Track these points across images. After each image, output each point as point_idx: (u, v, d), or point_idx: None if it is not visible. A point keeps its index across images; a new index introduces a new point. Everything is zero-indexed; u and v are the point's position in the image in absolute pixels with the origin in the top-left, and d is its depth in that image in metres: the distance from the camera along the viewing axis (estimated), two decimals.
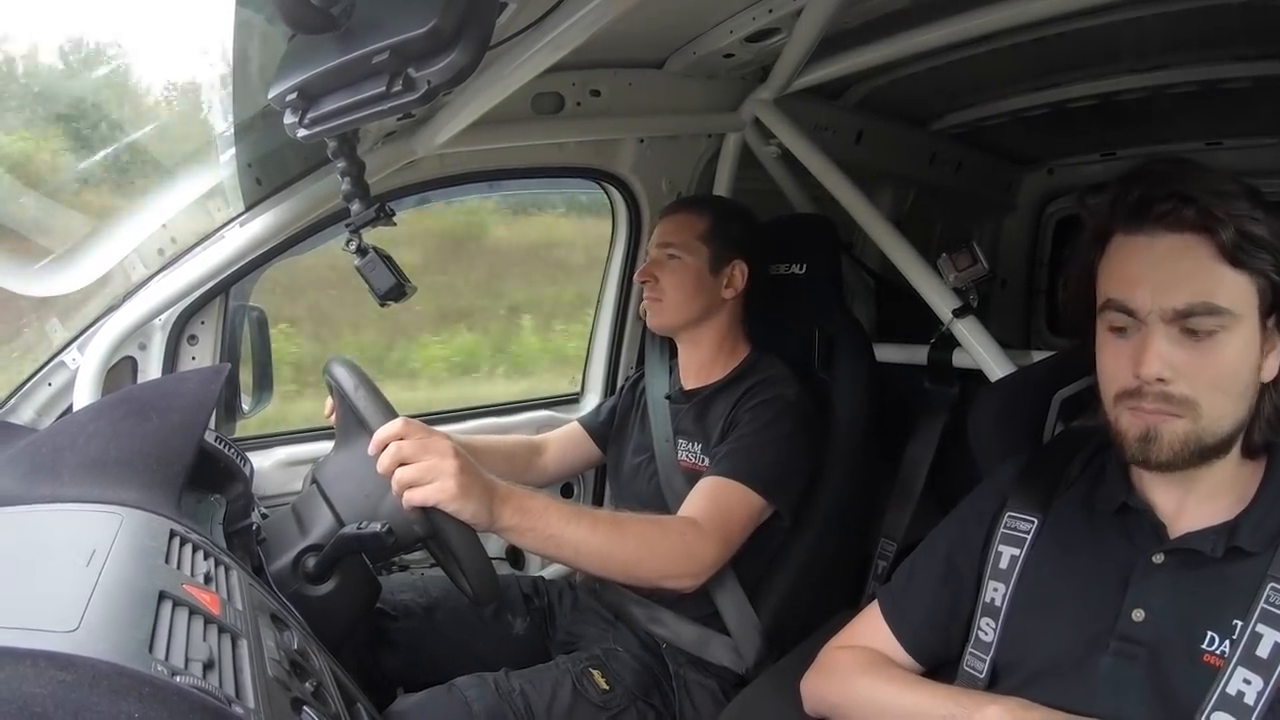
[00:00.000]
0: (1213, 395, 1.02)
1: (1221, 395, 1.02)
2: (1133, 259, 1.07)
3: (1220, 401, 1.02)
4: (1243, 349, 1.02)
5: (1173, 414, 1.03)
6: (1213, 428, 1.03)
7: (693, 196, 2.45)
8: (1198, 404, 1.02)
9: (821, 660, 1.36)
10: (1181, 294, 1.01)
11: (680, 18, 1.89)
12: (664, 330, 1.99)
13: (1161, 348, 1.02)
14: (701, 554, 1.57)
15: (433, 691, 1.56)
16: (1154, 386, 1.03)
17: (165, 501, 1.21)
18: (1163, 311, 1.03)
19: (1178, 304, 1.01)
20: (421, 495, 1.28)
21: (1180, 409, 1.03)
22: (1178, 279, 1.02)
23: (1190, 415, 1.02)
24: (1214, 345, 1.01)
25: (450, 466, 1.29)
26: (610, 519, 1.50)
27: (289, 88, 1.18)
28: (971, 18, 1.81)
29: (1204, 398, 1.02)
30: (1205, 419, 1.02)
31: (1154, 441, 1.05)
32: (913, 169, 2.96)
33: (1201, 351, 1.02)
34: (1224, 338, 1.01)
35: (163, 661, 0.76)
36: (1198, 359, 1.02)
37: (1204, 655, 1.01)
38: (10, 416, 1.76)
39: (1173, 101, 2.37)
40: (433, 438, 1.34)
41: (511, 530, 1.38)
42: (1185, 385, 1.02)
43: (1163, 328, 1.03)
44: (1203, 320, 1.01)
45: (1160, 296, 1.03)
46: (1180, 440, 1.03)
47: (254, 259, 1.88)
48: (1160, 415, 1.04)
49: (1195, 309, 1.01)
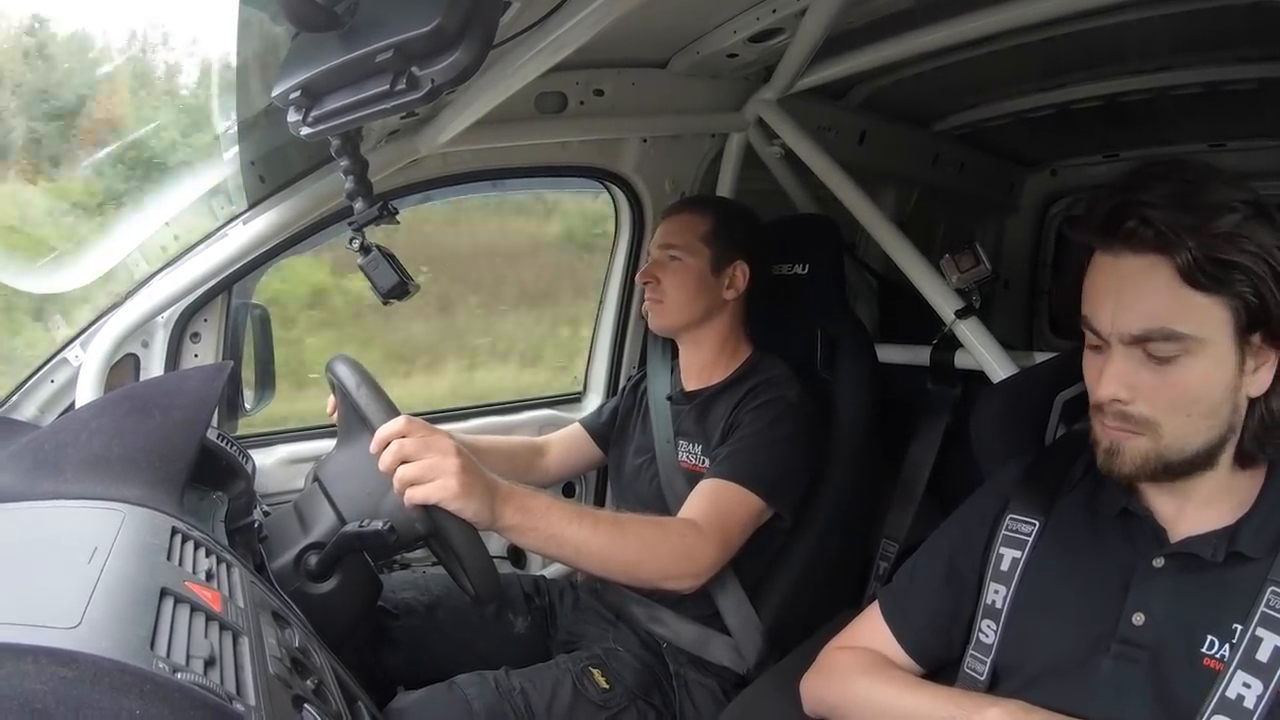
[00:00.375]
0: (1173, 417, 1.02)
1: (1183, 417, 1.02)
2: (1101, 277, 1.07)
3: (1182, 423, 1.02)
4: (1208, 371, 1.01)
5: (1132, 432, 1.04)
6: (1176, 445, 1.03)
7: (695, 197, 2.45)
8: (1158, 424, 1.03)
9: (821, 661, 1.36)
10: (1138, 319, 1.01)
11: (684, 17, 1.89)
12: (665, 331, 1.99)
13: (1120, 369, 1.03)
14: (701, 555, 1.57)
15: (433, 689, 1.56)
16: (1112, 406, 1.05)
17: (167, 499, 1.21)
18: (1120, 335, 1.03)
19: (1134, 329, 1.01)
20: (423, 493, 1.28)
21: (1139, 428, 1.04)
22: (1136, 302, 1.02)
23: (1150, 434, 1.03)
24: (1175, 369, 1.01)
25: (452, 465, 1.29)
26: (611, 519, 1.50)
27: (292, 86, 1.18)
28: (975, 18, 1.81)
29: (1164, 419, 1.02)
30: (1167, 438, 1.03)
31: (1115, 455, 1.06)
32: (916, 169, 2.96)
33: (1162, 374, 1.02)
34: (1186, 362, 1.00)
35: (164, 658, 0.76)
36: (1158, 381, 1.02)
37: (1204, 659, 1.00)
38: (13, 413, 1.77)
39: (1176, 103, 2.36)
40: (435, 436, 1.34)
41: (513, 529, 1.38)
42: (1144, 406, 1.03)
43: (1123, 349, 1.03)
44: (1160, 346, 1.00)
45: (1119, 320, 1.03)
46: (1140, 457, 1.04)
47: (256, 257, 1.89)
48: (1120, 433, 1.05)
49: (1151, 334, 1.00)
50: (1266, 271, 0.97)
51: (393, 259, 1.55)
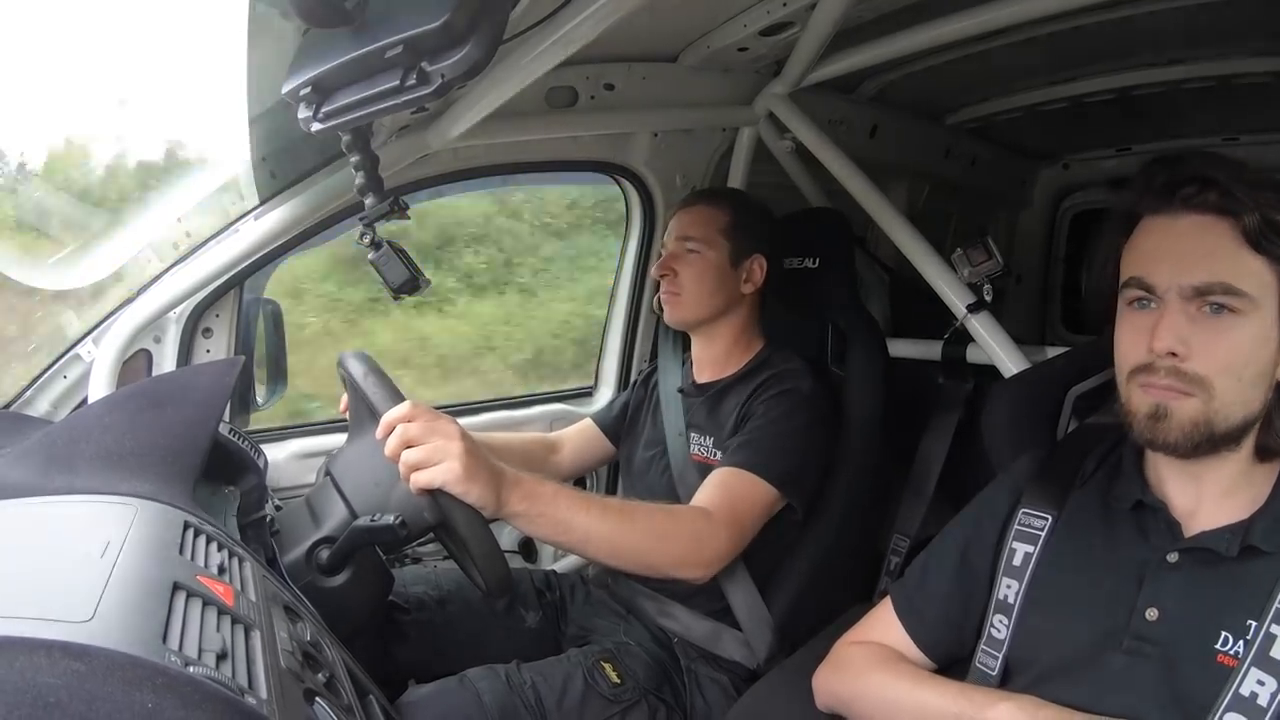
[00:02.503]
0: (1225, 378, 1.02)
1: (1234, 379, 1.02)
2: (1155, 237, 1.08)
3: (1233, 386, 1.02)
4: (1259, 335, 1.02)
5: (1184, 391, 1.03)
6: (1224, 412, 1.02)
7: (711, 190, 2.43)
8: (1210, 384, 1.02)
9: (834, 655, 1.35)
10: (1200, 272, 1.01)
11: (694, 11, 1.89)
12: (681, 325, 1.98)
13: (1177, 323, 1.03)
14: (713, 543, 1.56)
15: (444, 682, 1.56)
16: (1166, 361, 1.03)
17: (180, 493, 1.22)
18: (1181, 288, 1.03)
19: (1196, 281, 1.02)
20: (428, 477, 1.27)
21: (1192, 387, 1.02)
22: (1198, 257, 1.02)
23: (1202, 395, 1.02)
24: (1230, 326, 1.01)
25: (456, 448, 1.28)
26: (620, 506, 1.50)
27: (303, 82, 1.18)
28: (986, 11, 1.80)
29: (1217, 379, 1.01)
30: (1217, 401, 1.02)
31: (1164, 419, 1.04)
32: (927, 163, 2.95)
33: (1217, 331, 1.01)
34: (1240, 320, 1.01)
35: (176, 652, 0.76)
36: (1213, 338, 1.02)
37: (1218, 656, 1.00)
38: (26, 409, 1.78)
39: (1189, 96, 2.35)
40: (439, 420, 1.33)
41: (520, 517, 1.37)
42: (1198, 363, 1.02)
43: (1180, 304, 1.03)
44: (1221, 299, 1.01)
45: (1179, 274, 1.03)
46: (1190, 421, 1.03)
47: (268, 252, 1.89)
48: (1171, 392, 1.03)
49: (1213, 287, 1.01)
50: None
51: (404, 254, 1.55)
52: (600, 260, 3.66)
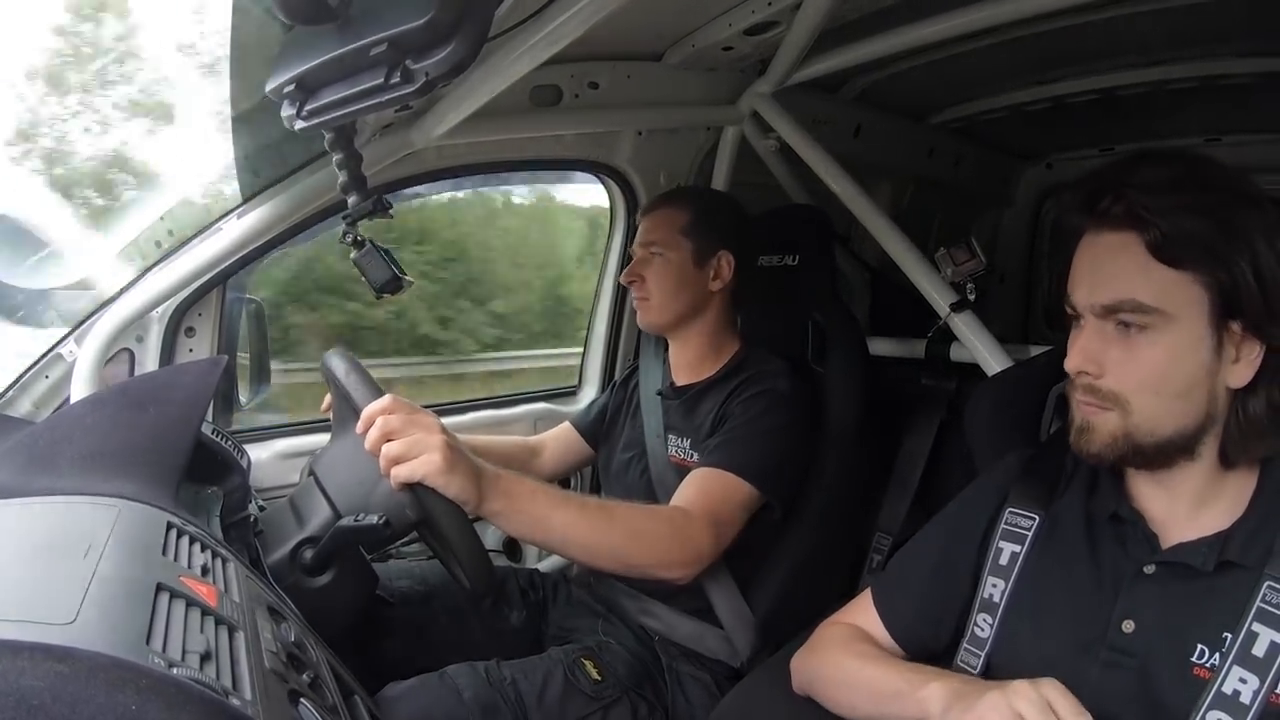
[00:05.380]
0: (1141, 394, 1.03)
1: (1151, 395, 1.03)
2: (1081, 255, 1.09)
3: (1150, 401, 1.03)
4: (1177, 349, 1.02)
5: (1101, 407, 1.05)
6: (1146, 426, 1.03)
7: (672, 190, 2.40)
8: (1126, 400, 1.04)
9: (812, 637, 1.36)
10: (1107, 291, 1.03)
11: (679, 10, 1.89)
12: (653, 329, 1.98)
13: (1089, 343, 1.05)
14: (694, 543, 1.56)
15: (424, 678, 1.56)
16: (1082, 379, 1.06)
17: (163, 494, 1.21)
18: (1093, 307, 1.05)
19: (1105, 300, 1.04)
20: (408, 470, 1.27)
21: (1107, 403, 1.05)
22: (1108, 276, 1.04)
23: (1119, 410, 1.04)
24: (1143, 343, 1.02)
25: (436, 441, 1.28)
26: (600, 505, 1.50)
27: (287, 79, 1.18)
28: (971, 11, 1.81)
29: (1132, 395, 1.03)
30: (1135, 416, 1.03)
31: (1085, 432, 1.08)
32: (911, 163, 2.96)
33: (1129, 349, 1.03)
34: (1153, 337, 1.02)
35: (160, 654, 0.76)
36: (1126, 356, 1.03)
37: (1194, 669, 1.00)
38: (8, 409, 1.76)
39: (1172, 96, 2.37)
40: (419, 414, 1.33)
41: (499, 515, 1.37)
42: (1111, 380, 1.04)
43: (1096, 323, 1.05)
44: (1129, 316, 1.02)
45: (1092, 293, 1.05)
46: (1109, 434, 1.05)
47: (251, 251, 1.88)
48: (1090, 408, 1.06)
49: (1121, 305, 1.02)
50: (1246, 259, 0.98)
51: (387, 253, 1.54)
52: None
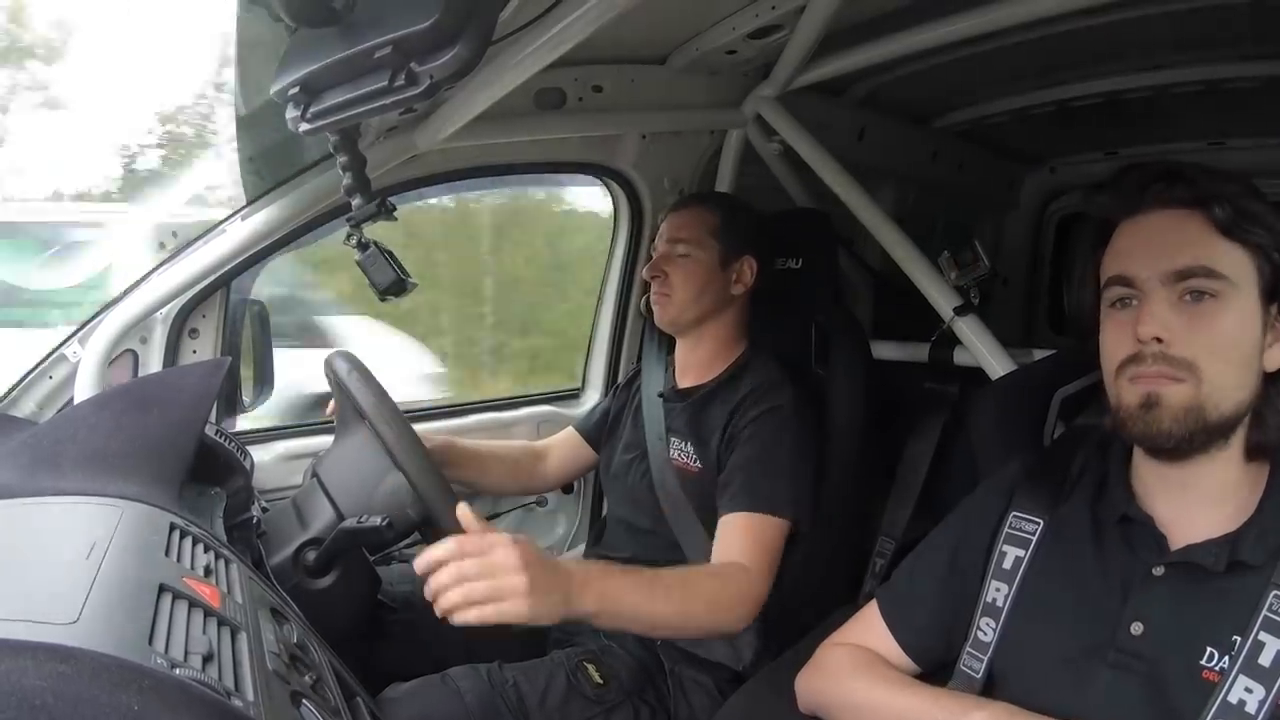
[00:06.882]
0: (1213, 361, 1.01)
1: (1222, 363, 1.02)
2: (1131, 236, 1.09)
3: (1221, 370, 1.02)
4: (1240, 319, 1.02)
5: (1173, 377, 1.02)
6: (1215, 397, 1.02)
7: (702, 193, 2.43)
8: (1198, 367, 1.01)
9: (817, 658, 1.34)
10: (1181, 257, 1.03)
11: (683, 14, 1.89)
12: (671, 326, 1.97)
13: (1159, 309, 1.03)
14: (757, 593, 1.59)
15: (425, 680, 1.56)
16: (1153, 348, 1.03)
17: (166, 494, 1.21)
18: (1161, 275, 1.04)
19: (1177, 265, 1.03)
20: (494, 612, 1.23)
21: (1181, 371, 1.02)
22: (1176, 246, 1.04)
23: (1191, 379, 1.01)
24: (1212, 309, 1.02)
25: (520, 584, 1.23)
26: (678, 581, 1.51)
27: (291, 82, 1.18)
28: (975, 15, 1.81)
29: (1204, 362, 1.01)
30: (1207, 385, 1.01)
31: (1154, 408, 1.03)
32: (915, 166, 2.95)
33: (1200, 315, 1.02)
34: (1222, 305, 1.02)
35: (162, 654, 0.76)
36: (1196, 322, 1.02)
37: (1203, 671, 0.99)
38: (11, 409, 1.77)
39: (1176, 101, 2.36)
40: (495, 550, 1.26)
41: (592, 616, 1.37)
42: (1184, 348, 1.02)
43: (1161, 292, 1.04)
44: (1201, 282, 1.02)
45: (1159, 262, 1.04)
46: (1181, 407, 1.02)
47: (255, 253, 1.89)
48: (1162, 379, 1.03)
49: (1194, 270, 1.02)
50: (1273, 242, 1.02)
51: (391, 255, 1.55)
52: None
